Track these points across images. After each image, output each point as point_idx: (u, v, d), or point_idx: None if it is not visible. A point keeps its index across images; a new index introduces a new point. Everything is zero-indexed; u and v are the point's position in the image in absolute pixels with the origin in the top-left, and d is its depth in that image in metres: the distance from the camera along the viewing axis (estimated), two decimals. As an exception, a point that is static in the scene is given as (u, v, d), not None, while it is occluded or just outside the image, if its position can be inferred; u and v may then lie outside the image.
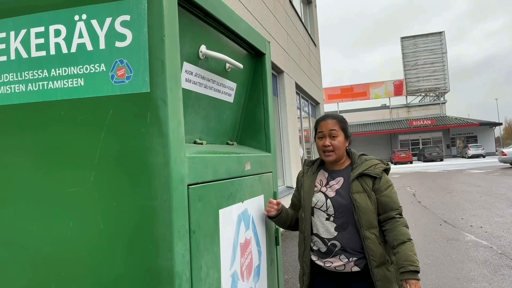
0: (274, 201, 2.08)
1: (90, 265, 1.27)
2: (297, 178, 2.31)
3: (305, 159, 2.36)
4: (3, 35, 1.36)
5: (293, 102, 10.49)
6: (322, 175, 2.16)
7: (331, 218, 2.04)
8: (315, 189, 2.13)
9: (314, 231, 2.08)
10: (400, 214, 2.03)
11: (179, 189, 1.25)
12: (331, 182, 2.11)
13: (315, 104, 15.52)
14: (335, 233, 2.02)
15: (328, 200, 2.05)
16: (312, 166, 2.24)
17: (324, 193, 2.09)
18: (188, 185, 1.31)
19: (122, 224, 1.24)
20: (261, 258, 1.98)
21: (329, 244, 2.03)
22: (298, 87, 11.60)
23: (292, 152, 9.75)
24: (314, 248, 2.09)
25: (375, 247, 1.96)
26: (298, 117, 11.80)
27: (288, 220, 2.15)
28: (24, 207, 1.33)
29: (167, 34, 1.25)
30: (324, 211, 2.05)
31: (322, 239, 2.05)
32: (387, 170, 2.12)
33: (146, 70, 1.24)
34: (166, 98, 1.23)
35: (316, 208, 2.08)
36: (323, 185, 2.12)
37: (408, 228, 2.00)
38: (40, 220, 1.32)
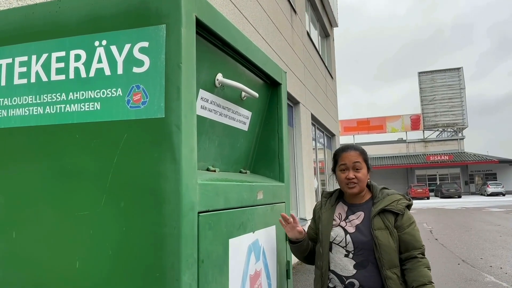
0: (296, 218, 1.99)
1: (95, 291, 1.24)
2: (314, 209, 2.21)
3: (323, 191, 2.25)
4: (25, 58, 1.39)
5: (308, 133, 10.48)
6: (341, 208, 2.08)
7: (350, 255, 1.94)
8: (334, 223, 2.04)
9: (331, 267, 1.99)
10: (423, 254, 1.93)
11: (189, 217, 1.23)
12: (351, 217, 2.02)
13: (330, 135, 15.49)
14: (354, 271, 1.92)
15: (348, 235, 1.96)
16: (331, 198, 2.15)
17: (343, 228, 2.00)
18: (199, 212, 1.29)
19: (130, 251, 1.22)
20: (271, 292, 1.92)
21: (346, 282, 1.94)
22: (314, 118, 11.62)
23: (306, 183, 9.66)
24: (330, 285, 1.99)
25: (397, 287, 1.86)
26: (314, 148, 11.76)
27: (307, 251, 2.06)
28: (33, 229, 1.33)
29: (184, 61, 1.26)
30: (343, 247, 1.96)
31: (339, 276, 1.96)
32: (409, 206, 2.04)
33: (162, 96, 1.24)
34: (180, 124, 1.23)
35: (334, 243, 1.99)
36: (342, 219, 2.03)
37: (429, 269, 1.90)
38: (48, 243, 1.30)
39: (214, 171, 1.70)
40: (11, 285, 1.33)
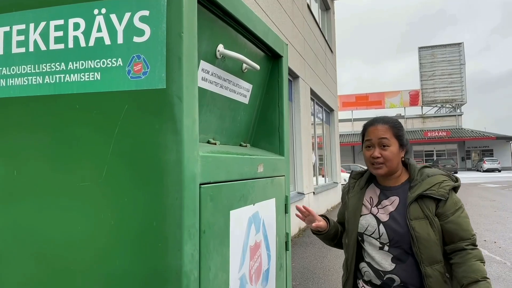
0: (311, 210, 1.78)
1: (98, 260, 1.26)
2: (343, 192, 1.97)
3: (352, 171, 1.95)
4: (23, 27, 1.36)
5: (307, 107, 10.45)
6: (372, 192, 1.81)
7: (386, 247, 1.69)
8: (364, 210, 1.78)
9: (367, 259, 1.75)
10: (474, 244, 1.62)
11: (190, 188, 1.23)
12: (384, 202, 1.75)
13: (329, 110, 15.46)
14: (393, 266, 1.67)
15: (381, 225, 1.70)
16: (360, 180, 1.88)
17: (375, 215, 1.74)
18: (200, 184, 1.29)
19: (132, 221, 1.23)
20: (270, 263, 1.95)
21: (385, 278, 1.69)
22: (313, 93, 11.56)
23: (304, 158, 9.70)
24: (365, 278, 1.76)
25: (440, 287, 1.59)
26: (312, 123, 11.75)
27: (337, 238, 1.87)
28: (35, 199, 1.33)
29: (185, 31, 1.24)
30: (376, 239, 1.71)
31: (376, 270, 1.72)
32: (456, 189, 1.71)
33: (163, 66, 1.23)
34: (182, 95, 1.22)
35: (366, 234, 1.75)
36: (374, 204, 1.77)
37: (483, 262, 1.58)
38: (50, 213, 1.31)
39: (215, 143, 1.70)
40: (12, 256, 1.34)
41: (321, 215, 1.87)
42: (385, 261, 1.69)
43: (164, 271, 1.19)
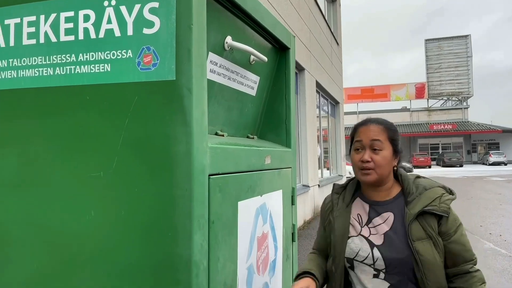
0: None
1: (108, 249, 1.28)
2: (322, 211, 1.67)
3: (334, 183, 1.71)
4: (33, 18, 1.37)
5: (312, 100, 10.43)
6: (360, 208, 1.54)
7: (381, 275, 1.43)
8: (352, 231, 1.51)
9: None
10: (475, 265, 1.45)
11: (200, 179, 1.25)
12: (376, 220, 1.49)
13: (334, 103, 15.42)
14: None
15: (375, 249, 1.44)
16: (345, 194, 1.61)
17: (366, 238, 1.47)
18: (209, 175, 1.31)
19: (142, 211, 1.25)
20: (277, 253, 1.97)
21: None
22: (318, 85, 11.53)
23: (309, 151, 9.71)
24: None
25: None
26: (317, 116, 11.74)
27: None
28: (46, 189, 1.35)
29: (195, 22, 1.24)
30: (369, 265, 1.45)
31: None
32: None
33: (173, 58, 1.23)
34: (191, 86, 1.23)
35: (357, 260, 1.47)
36: (364, 223, 1.51)
37: (485, 285, 1.43)
38: (61, 203, 1.33)
39: (223, 135, 1.71)
40: (24, 243, 1.36)
41: (303, 274, 1.54)
42: None
43: (174, 260, 1.21)
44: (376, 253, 1.43)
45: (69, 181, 1.33)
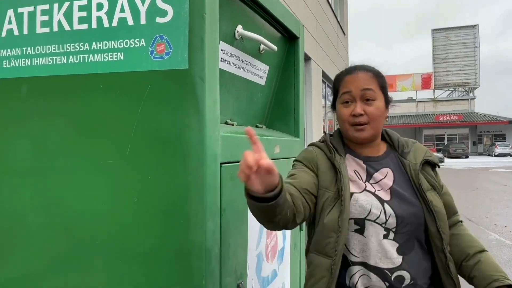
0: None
1: (122, 236, 1.30)
2: (307, 156, 1.39)
3: (310, 143, 1.51)
4: (47, 7, 1.38)
5: (319, 90, 10.41)
6: (353, 163, 1.35)
7: (391, 235, 1.25)
8: (354, 187, 1.30)
9: (360, 259, 1.26)
10: None
11: (212, 167, 1.26)
12: (377, 176, 1.33)
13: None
14: (399, 258, 1.24)
15: (386, 205, 1.26)
16: (337, 146, 1.37)
17: (373, 193, 1.29)
18: (221, 163, 1.32)
19: (155, 199, 1.27)
20: (285, 242, 1.99)
21: (393, 277, 1.24)
22: (324, 75, 11.49)
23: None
24: (360, 286, 1.25)
25: (454, 271, 1.30)
26: (323, 106, 11.71)
27: (284, 211, 1.10)
28: (60, 176, 1.37)
29: (207, 11, 1.25)
30: (381, 224, 1.25)
31: (379, 271, 1.24)
32: None
33: (186, 47, 1.24)
34: (204, 75, 1.23)
35: (369, 220, 1.25)
36: (364, 179, 1.32)
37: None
38: (75, 189, 1.35)
39: (232, 124, 1.72)
40: (42, 227, 1.39)
41: None
42: (391, 254, 1.24)
43: (187, 246, 1.23)
44: (388, 209, 1.25)
45: (82, 168, 1.34)
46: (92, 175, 1.33)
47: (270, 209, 1.06)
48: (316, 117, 9.88)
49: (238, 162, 1.46)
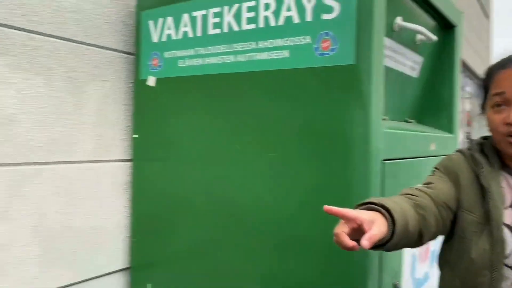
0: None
1: (284, 224, 1.36)
2: (449, 163, 1.15)
3: (470, 139, 1.30)
4: (218, 9, 1.49)
5: (456, 80, 9.54)
6: (504, 181, 1.06)
7: None
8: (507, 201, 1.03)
9: None
10: None
11: (375, 164, 1.24)
12: None
13: (480, 82, 13.88)
14: None
15: None
16: (490, 157, 1.08)
17: (508, 226, 1.00)
18: (383, 160, 1.29)
19: (319, 191, 1.29)
20: (436, 243, 1.88)
21: None
22: (462, 63, 10.48)
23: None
24: None
25: None
26: (460, 97, 10.72)
27: (403, 242, 0.93)
28: (223, 166, 1.49)
29: (375, 6, 1.22)
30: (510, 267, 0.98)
31: None
32: None
33: (352, 42, 1.23)
34: (371, 71, 1.22)
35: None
36: (507, 205, 1.03)
37: None
38: (236, 178, 1.46)
39: (384, 119, 1.67)
40: (203, 211, 1.53)
41: (367, 204, 0.94)
42: None
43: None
44: None
45: (245, 159, 1.44)
46: (258, 166, 1.41)
47: (386, 250, 0.92)
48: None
49: (398, 159, 1.42)
